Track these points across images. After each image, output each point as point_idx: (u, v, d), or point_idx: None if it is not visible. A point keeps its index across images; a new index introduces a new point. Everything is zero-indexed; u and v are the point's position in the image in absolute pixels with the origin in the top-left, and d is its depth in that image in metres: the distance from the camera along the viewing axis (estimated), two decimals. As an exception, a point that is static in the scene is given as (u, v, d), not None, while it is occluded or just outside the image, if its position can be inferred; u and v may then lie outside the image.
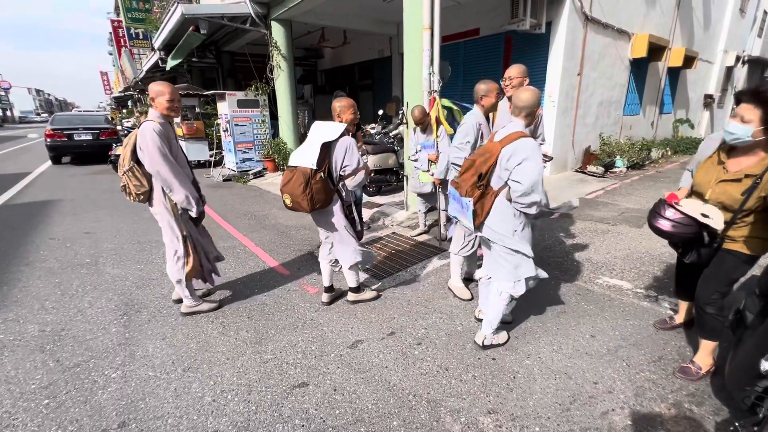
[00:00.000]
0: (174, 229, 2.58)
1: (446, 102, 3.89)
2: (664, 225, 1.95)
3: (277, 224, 4.94)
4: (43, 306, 2.95)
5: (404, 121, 5.28)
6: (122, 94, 26.13)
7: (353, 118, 2.54)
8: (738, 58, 12.91)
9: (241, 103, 8.27)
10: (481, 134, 2.66)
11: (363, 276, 3.34)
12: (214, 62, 11.78)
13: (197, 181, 2.76)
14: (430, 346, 2.40)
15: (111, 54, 32.86)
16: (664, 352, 2.31)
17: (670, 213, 1.95)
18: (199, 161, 9.68)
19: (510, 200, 2.02)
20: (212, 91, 8.97)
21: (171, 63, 9.24)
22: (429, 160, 3.75)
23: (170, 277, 2.70)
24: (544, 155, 3.15)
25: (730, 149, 1.87)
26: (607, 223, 4.61)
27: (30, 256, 3.94)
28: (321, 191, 2.40)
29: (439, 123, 3.68)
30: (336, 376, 2.15)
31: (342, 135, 2.43)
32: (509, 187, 2.00)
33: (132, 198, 2.53)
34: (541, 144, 3.01)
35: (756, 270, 2.07)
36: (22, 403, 1.97)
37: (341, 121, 2.52)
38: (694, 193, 2.05)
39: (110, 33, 24.74)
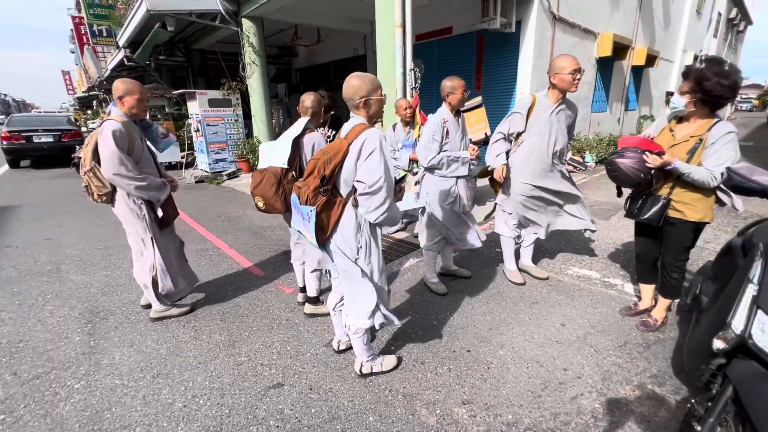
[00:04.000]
0: (139, 231, 2.49)
1: None
2: (620, 159, 2.17)
3: (251, 225, 4.85)
4: None
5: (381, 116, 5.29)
6: (86, 95, 24.97)
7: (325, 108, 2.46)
8: (696, 57, 13.57)
9: (213, 103, 8.06)
10: (447, 131, 2.66)
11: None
12: (184, 60, 11.44)
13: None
14: (407, 341, 2.42)
15: (73, 52, 31.30)
16: (629, 337, 2.41)
17: (628, 151, 2.19)
18: (170, 163, 9.38)
19: (356, 206, 1.77)
20: (182, 90, 8.70)
21: (136, 57, 8.90)
22: (411, 160, 3.71)
23: (138, 282, 2.61)
24: (578, 161, 3.14)
25: (678, 121, 2.22)
26: (577, 216, 4.76)
27: (-15, 265, 3.71)
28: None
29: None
30: (312, 375, 2.13)
31: (306, 130, 2.35)
32: (356, 191, 1.75)
33: (94, 198, 2.43)
34: (570, 142, 3.00)
35: (712, 255, 2.20)
36: (-24, 419, 1.86)
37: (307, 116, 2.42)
38: None
39: (71, 30, 23.57)
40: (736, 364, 1.46)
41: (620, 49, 8.46)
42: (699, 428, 1.47)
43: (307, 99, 2.48)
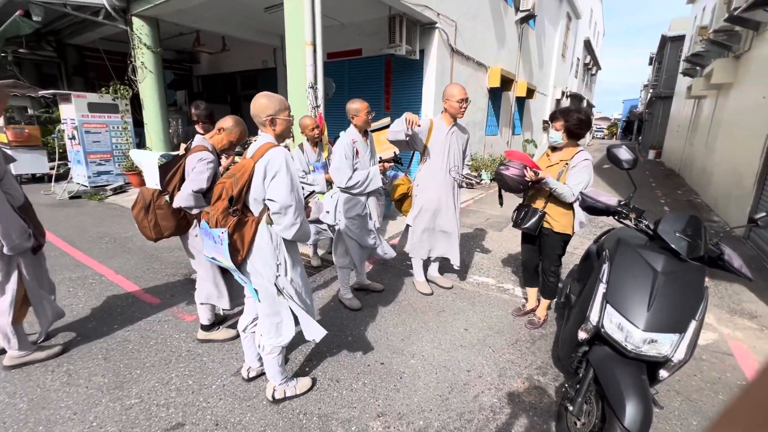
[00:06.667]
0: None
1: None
2: (506, 171, 2.57)
3: (144, 246, 4.31)
4: None
5: (290, 135, 5.20)
6: None
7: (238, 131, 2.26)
8: (563, 93, 16.31)
9: (95, 107, 7.03)
10: (356, 151, 2.77)
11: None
12: (55, 56, 9.79)
13: (29, 204, 2.23)
14: (321, 360, 2.39)
15: None
16: (519, 335, 2.74)
17: (513, 164, 2.58)
18: (34, 175, 7.86)
19: (270, 223, 1.77)
20: (53, 91, 7.41)
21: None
22: (327, 181, 3.44)
23: (-14, 323, 2.12)
24: (474, 176, 3.25)
25: (552, 149, 2.70)
26: (476, 228, 5.28)
27: None
28: (169, 216, 2.18)
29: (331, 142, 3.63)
30: (218, 409, 1.97)
31: (191, 148, 2.18)
32: (269, 210, 1.75)
33: None
34: (467, 165, 3.20)
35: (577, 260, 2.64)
36: None
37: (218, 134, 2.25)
38: None
39: None
40: (594, 350, 1.78)
41: (506, 81, 9.73)
42: (571, 408, 1.74)
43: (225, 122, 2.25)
